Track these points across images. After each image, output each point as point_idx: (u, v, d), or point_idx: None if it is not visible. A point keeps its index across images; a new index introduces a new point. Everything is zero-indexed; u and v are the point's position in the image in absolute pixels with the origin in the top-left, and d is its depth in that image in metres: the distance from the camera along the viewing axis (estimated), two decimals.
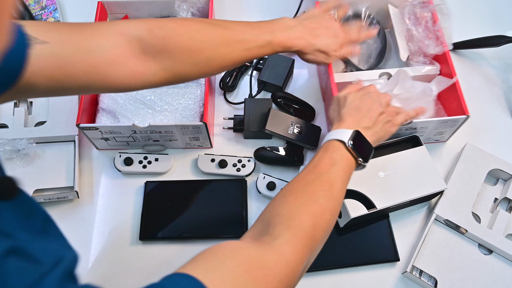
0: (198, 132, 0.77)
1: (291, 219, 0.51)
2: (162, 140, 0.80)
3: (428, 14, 0.81)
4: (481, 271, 0.71)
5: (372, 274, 0.73)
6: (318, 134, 0.82)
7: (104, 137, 0.78)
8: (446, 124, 0.75)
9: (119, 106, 0.81)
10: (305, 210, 0.53)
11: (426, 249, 0.73)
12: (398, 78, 0.76)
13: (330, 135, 0.63)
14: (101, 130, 0.76)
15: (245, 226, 0.76)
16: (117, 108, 0.81)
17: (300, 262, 0.49)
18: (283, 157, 0.80)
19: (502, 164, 0.77)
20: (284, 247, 0.48)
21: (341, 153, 0.61)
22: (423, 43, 0.81)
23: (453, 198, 0.75)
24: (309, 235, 0.51)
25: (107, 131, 0.76)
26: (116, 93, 0.81)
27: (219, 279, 0.40)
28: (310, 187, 0.56)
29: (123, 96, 0.82)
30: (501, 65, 0.93)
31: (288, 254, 0.48)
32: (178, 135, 0.78)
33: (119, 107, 0.81)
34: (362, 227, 0.75)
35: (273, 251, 0.47)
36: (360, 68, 0.84)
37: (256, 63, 0.90)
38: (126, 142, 0.81)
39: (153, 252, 0.75)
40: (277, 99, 0.85)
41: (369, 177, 0.71)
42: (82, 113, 0.76)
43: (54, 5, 0.97)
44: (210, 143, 0.82)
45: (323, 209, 0.54)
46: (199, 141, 0.81)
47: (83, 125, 0.74)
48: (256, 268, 0.45)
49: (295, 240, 0.49)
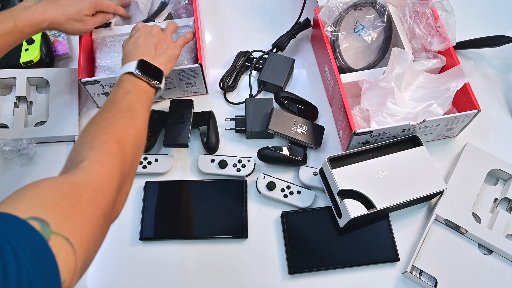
0: (194, 76, 0.81)
1: (93, 142, 0.52)
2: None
3: (429, 11, 0.81)
4: (481, 271, 0.71)
5: (372, 274, 0.73)
6: (322, 133, 0.82)
7: (105, 91, 0.81)
8: (458, 120, 0.76)
9: (117, 62, 0.83)
10: (106, 132, 0.54)
11: (426, 249, 0.73)
12: (395, 57, 0.76)
13: (119, 72, 0.66)
14: (102, 83, 0.79)
15: (245, 226, 0.76)
16: (114, 63, 0.83)
17: (113, 173, 0.49)
18: (287, 156, 0.80)
19: (502, 164, 0.78)
20: (91, 165, 0.47)
21: (132, 82, 0.64)
22: (426, 40, 0.81)
23: (453, 198, 0.75)
24: (115, 149, 0.52)
25: (108, 84, 0.79)
26: (112, 50, 0.85)
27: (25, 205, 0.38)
28: (108, 115, 0.58)
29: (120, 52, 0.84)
30: (501, 65, 0.93)
31: (97, 169, 0.47)
32: (175, 81, 0.82)
33: (117, 62, 0.83)
34: (362, 227, 0.75)
35: (81, 171, 0.46)
36: (352, 68, 0.84)
37: (256, 63, 0.90)
38: None
39: (153, 252, 0.75)
40: (279, 99, 0.85)
41: (369, 177, 0.71)
42: (82, 72, 0.78)
43: None
44: (206, 88, 0.86)
45: (124, 127, 0.56)
46: (195, 87, 0.84)
47: (84, 79, 0.77)
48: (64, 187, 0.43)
49: (101, 156, 0.49)
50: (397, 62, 0.75)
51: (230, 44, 0.95)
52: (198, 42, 0.81)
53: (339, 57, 0.83)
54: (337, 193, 0.71)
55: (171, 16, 0.90)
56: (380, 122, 0.75)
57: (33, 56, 0.86)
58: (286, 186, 0.78)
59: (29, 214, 0.37)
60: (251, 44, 0.93)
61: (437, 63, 0.82)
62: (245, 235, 0.75)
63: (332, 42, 0.82)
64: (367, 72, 0.82)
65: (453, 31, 0.80)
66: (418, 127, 0.74)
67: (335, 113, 0.85)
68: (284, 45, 0.92)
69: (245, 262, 0.75)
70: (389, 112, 0.75)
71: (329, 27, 0.82)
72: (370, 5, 0.83)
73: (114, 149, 0.52)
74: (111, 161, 0.50)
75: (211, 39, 0.97)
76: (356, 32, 0.86)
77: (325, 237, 0.75)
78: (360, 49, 0.86)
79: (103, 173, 0.47)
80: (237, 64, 0.90)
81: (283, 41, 0.92)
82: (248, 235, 0.75)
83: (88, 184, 0.45)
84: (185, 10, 0.89)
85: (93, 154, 0.49)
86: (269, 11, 1.00)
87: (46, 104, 0.85)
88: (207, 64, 0.93)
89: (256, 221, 0.77)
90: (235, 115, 0.85)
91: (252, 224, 0.77)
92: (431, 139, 0.82)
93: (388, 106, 0.75)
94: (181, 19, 0.87)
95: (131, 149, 0.54)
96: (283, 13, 0.99)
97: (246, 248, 0.75)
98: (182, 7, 0.88)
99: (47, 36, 0.91)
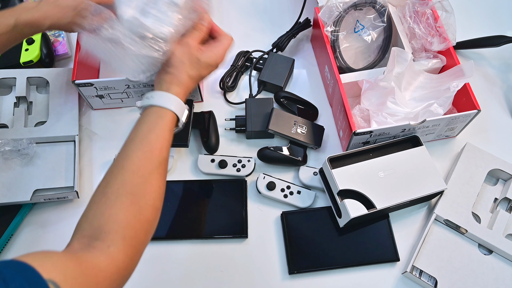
0: None
1: (126, 228, 0.51)
2: None
3: (429, 11, 0.82)
4: (481, 271, 0.71)
5: (372, 274, 0.73)
6: (322, 133, 0.82)
7: (99, 94, 0.81)
8: (458, 119, 0.76)
9: None
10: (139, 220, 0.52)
11: (426, 249, 0.73)
12: (394, 56, 0.76)
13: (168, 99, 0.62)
14: (95, 86, 0.79)
15: (245, 226, 0.76)
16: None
17: (131, 267, 0.51)
18: (287, 156, 0.80)
19: (502, 164, 0.78)
20: (118, 255, 0.49)
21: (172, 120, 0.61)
22: (426, 40, 0.81)
23: (453, 198, 0.75)
24: (142, 243, 0.53)
25: (102, 86, 0.79)
26: None
27: (50, 266, 0.40)
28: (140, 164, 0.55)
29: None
30: (501, 65, 0.93)
31: (120, 261, 0.48)
32: None
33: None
34: (362, 227, 0.75)
35: (106, 257, 0.48)
36: (352, 68, 0.84)
37: (256, 63, 0.90)
38: (120, 100, 0.84)
39: (153, 252, 0.75)
40: (279, 99, 0.85)
41: (369, 177, 0.71)
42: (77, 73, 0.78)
43: None
44: (201, 96, 0.86)
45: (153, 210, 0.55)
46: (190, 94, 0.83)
47: (78, 81, 0.78)
48: (87, 266, 0.45)
49: (129, 249, 0.50)
50: (396, 61, 0.75)
51: None
52: None
53: (339, 57, 0.83)
54: (337, 193, 0.71)
55: None
56: (380, 122, 0.75)
57: (33, 56, 0.86)
58: (286, 186, 0.78)
59: (50, 276, 0.39)
60: (251, 44, 0.93)
61: (437, 63, 0.82)
62: (245, 235, 0.75)
63: (332, 42, 0.83)
64: (367, 72, 0.82)
65: (453, 31, 0.80)
66: (418, 127, 0.74)
67: (335, 113, 0.85)
68: (284, 45, 0.92)
69: (245, 262, 0.75)
70: (390, 112, 0.75)
71: (329, 27, 0.82)
72: (370, 5, 0.83)
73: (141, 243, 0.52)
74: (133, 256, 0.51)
75: None
76: (356, 32, 0.86)
77: (325, 237, 0.75)
78: (360, 49, 0.86)
79: (123, 266, 0.49)
80: (237, 64, 0.90)
81: (283, 41, 0.92)
82: (248, 235, 0.75)
83: (108, 274, 0.47)
84: None
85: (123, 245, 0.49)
86: (269, 11, 1.00)
87: (46, 104, 0.85)
88: None
89: (256, 221, 0.77)
90: (235, 115, 0.85)
91: (252, 224, 0.77)
92: (431, 139, 0.82)
93: (388, 106, 0.75)
94: None
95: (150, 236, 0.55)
96: (283, 13, 0.99)
97: (246, 248, 0.75)
98: None
99: (47, 36, 0.91)
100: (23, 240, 0.76)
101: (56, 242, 0.76)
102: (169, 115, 0.60)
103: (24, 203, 0.77)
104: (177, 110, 0.61)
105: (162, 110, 0.60)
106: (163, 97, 0.61)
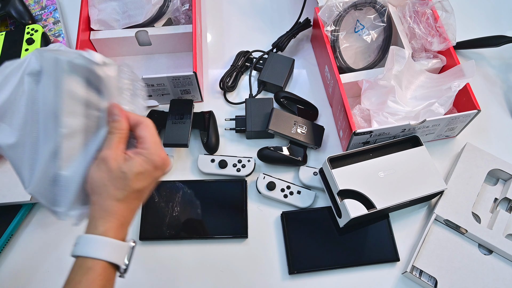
0: (188, 84, 0.80)
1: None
2: (155, 95, 0.83)
3: (429, 11, 0.82)
4: (481, 271, 0.71)
5: (372, 274, 0.73)
6: (322, 133, 0.82)
7: None
8: (458, 119, 0.76)
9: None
10: None
11: (426, 249, 0.73)
12: (393, 55, 0.76)
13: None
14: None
15: (245, 226, 0.76)
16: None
17: None
18: (287, 157, 0.80)
19: (502, 164, 0.78)
20: None
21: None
22: (426, 40, 0.81)
23: (453, 198, 0.75)
24: None
25: None
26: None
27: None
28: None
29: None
30: (501, 65, 0.93)
31: None
32: (170, 88, 0.81)
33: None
34: (362, 227, 0.75)
35: None
36: (352, 67, 0.83)
37: (255, 63, 0.90)
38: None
39: (153, 252, 0.75)
40: (279, 99, 0.85)
41: (369, 177, 0.71)
42: None
43: (54, 5, 0.97)
44: (201, 96, 0.86)
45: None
46: (190, 94, 0.84)
47: None
48: None
49: None
50: (395, 60, 0.76)
51: (230, 44, 0.95)
52: (194, 50, 0.80)
53: (339, 57, 0.83)
54: (337, 193, 0.71)
55: (170, 21, 0.90)
56: (381, 122, 0.75)
57: None
58: (286, 186, 0.78)
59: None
60: (251, 44, 0.93)
61: (437, 63, 0.82)
62: (245, 235, 0.75)
63: (332, 42, 0.83)
64: (367, 72, 0.82)
65: (453, 31, 0.80)
66: (418, 127, 0.74)
67: (335, 113, 0.85)
68: (284, 45, 0.92)
69: (245, 262, 0.75)
70: (390, 111, 0.75)
71: (329, 26, 0.82)
72: (370, 5, 0.83)
73: None
74: None
75: (211, 39, 0.97)
76: (356, 32, 0.86)
77: (325, 237, 0.75)
78: (360, 49, 0.86)
79: None
80: (237, 64, 0.90)
81: (283, 41, 0.92)
82: (248, 235, 0.75)
83: None
84: (184, 16, 0.89)
85: None
86: (269, 11, 1.00)
87: None
88: (207, 64, 0.93)
89: (256, 221, 0.77)
90: (235, 115, 0.85)
91: (252, 224, 0.77)
92: (431, 139, 0.82)
93: (389, 105, 0.75)
94: (179, 26, 0.87)
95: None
96: (283, 13, 0.99)
97: (246, 248, 0.75)
98: (182, 13, 0.88)
99: (47, 36, 0.91)
100: (23, 240, 0.76)
101: (56, 242, 0.76)
102: (99, 266, 0.46)
103: (24, 203, 0.77)
104: (110, 256, 0.47)
105: (88, 262, 0.46)
106: (88, 242, 0.47)
